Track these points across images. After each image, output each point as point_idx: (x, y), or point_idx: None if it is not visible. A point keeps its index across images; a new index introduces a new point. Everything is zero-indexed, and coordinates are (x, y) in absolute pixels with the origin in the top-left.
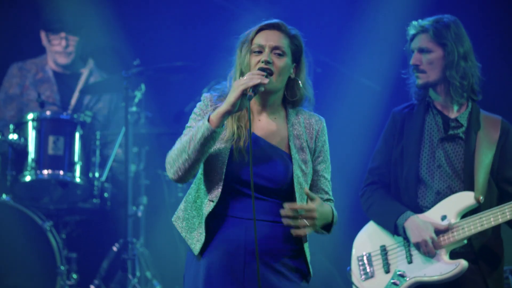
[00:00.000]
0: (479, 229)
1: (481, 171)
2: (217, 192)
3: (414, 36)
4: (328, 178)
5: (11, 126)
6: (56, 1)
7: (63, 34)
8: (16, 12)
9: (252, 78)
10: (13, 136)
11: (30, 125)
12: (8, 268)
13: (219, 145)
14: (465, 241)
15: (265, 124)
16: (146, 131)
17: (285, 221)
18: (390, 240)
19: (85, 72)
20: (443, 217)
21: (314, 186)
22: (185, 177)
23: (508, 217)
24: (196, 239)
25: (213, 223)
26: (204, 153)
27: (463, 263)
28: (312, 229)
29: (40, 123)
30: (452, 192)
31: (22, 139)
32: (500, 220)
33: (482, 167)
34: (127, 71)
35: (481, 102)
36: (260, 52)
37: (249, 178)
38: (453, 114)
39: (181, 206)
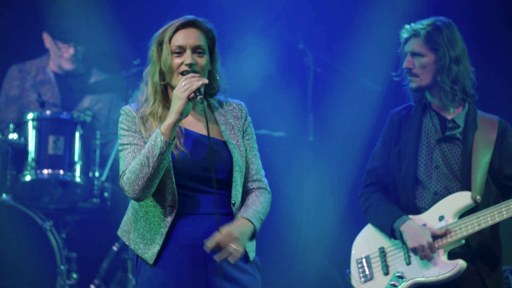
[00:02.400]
0: (477, 228)
1: (478, 171)
2: (173, 196)
3: (407, 39)
4: (257, 154)
5: (11, 126)
6: (61, 6)
7: (72, 44)
8: (16, 13)
9: (192, 82)
10: (13, 136)
11: (30, 124)
12: (8, 268)
13: None
14: (463, 241)
15: (193, 118)
16: None
17: (217, 257)
18: (389, 242)
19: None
20: (441, 218)
21: (246, 165)
22: (149, 193)
23: (505, 216)
24: (149, 249)
25: (170, 226)
26: (164, 166)
27: (461, 263)
28: (241, 248)
29: (40, 122)
30: (450, 192)
31: (22, 139)
32: (497, 219)
33: (480, 167)
34: (127, 71)
35: (478, 103)
36: (180, 52)
37: (198, 173)
38: (449, 115)
39: (125, 219)
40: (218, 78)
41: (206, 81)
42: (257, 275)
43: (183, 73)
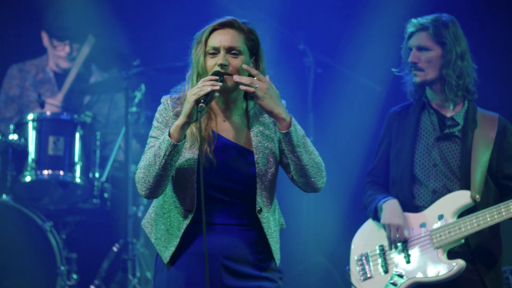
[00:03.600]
0: (476, 228)
1: (477, 170)
2: (192, 201)
3: (412, 33)
4: None
5: (11, 127)
6: (59, 4)
7: (67, 42)
8: (16, 13)
9: (204, 87)
10: (13, 137)
11: (30, 125)
12: (8, 269)
13: (185, 153)
14: (463, 241)
15: (229, 124)
16: (146, 131)
17: (237, 78)
18: (388, 240)
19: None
20: (440, 217)
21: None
22: (157, 192)
23: (505, 216)
24: (165, 247)
25: (187, 230)
26: (172, 166)
27: (461, 263)
28: (262, 96)
29: (40, 123)
30: (449, 191)
31: (22, 140)
32: (497, 219)
33: (479, 165)
34: (127, 71)
35: (479, 100)
36: (215, 54)
37: (222, 183)
38: (449, 112)
39: (150, 210)
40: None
41: (217, 87)
42: (280, 283)
43: (213, 72)
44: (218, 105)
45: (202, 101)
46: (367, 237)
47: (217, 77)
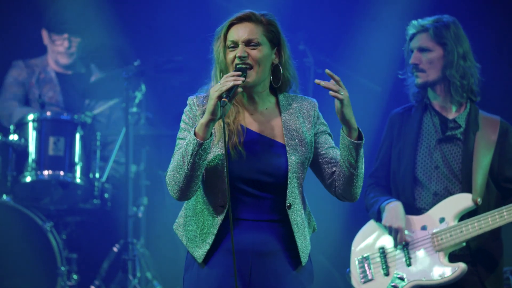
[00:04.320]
0: (478, 231)
1: (479, 172)
2: (224, 197)
3: (414, 35)
4: (335, 146)
5: (12, 127)
6: (59, 1)
7: (66, 35)
8: (17, 12)
9: (226, 82)
10: (14, 137)
11: (30, 125)
12: (8, 269)
13: (214, 148)
14: (464, 244)
15: (257, 117)
16: (146, 131)
17: (323, 83)
18: (389, 243)
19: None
20: (441, 219)
21: (327, 158)
22: (189, 193)
23: (506, 220)
24: (199, 247)
25: (221, 227)
26: (201, 166)
27: (462, 266)
28: (346, 104)
29: (41, 123)
30: (450, 193)
31: (23, 140)
32: (499, 223)
33: (481, 168)
34: (128, 72)
35: (480, 103)
36: (234, 47)
37: (253, 176)
38: (451, 114)
39: (182, 213)
40: (282, 71)
41: (239, 82)
42: (308, 285)
43: (236, 67)
44: (243, 99)
45: (224, 96)
46: (368, 239)
47: (239, 73)
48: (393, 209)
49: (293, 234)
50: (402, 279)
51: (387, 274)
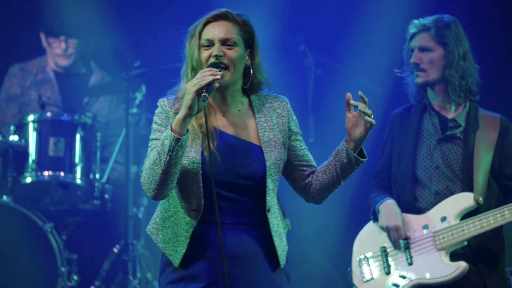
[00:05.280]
0: (480, 230)
1: (480, 171)
2: (198, 201)
3: (414, 34)
4: (307, 148)
5: (12, 128)
6: (56, 3)
7: (62, 38)
8: (16, 13)
9: (204, 77)
10: (14, 138)
11: (30, 126)
12: (8, 270)
13: (189, 151)
14: (465, 243)
15: (230, 119)
16: (146, 132)
17: (356, 104)
18: (390, 242)
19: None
20: (443, 218)
21: (302, 161)
22: (165, 192)
23: (508, 219)
24: (175, 251)
25: (195, 231)
26: (177, 163)
27: (463, 265)
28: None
29: (41, 124)
30: (451, 193)
31: (23, 141)
32: (500, 221)
33: (482, 167)
34: (128, 72)
35: (480, 101)
36: (209, 46)
37: (228, 179)
38: (450, 114)
39: (155, 216)
40: (252, 72)
41: (218, 77)
42: (284, 286)
43: (210, 64)
44: (215, 100)
45: (204, 90)
46: (369, 239)
47: (215, 69)
48: (387, 208)
49: (271, 237)
50: (403, 277)
51: (388, 273)
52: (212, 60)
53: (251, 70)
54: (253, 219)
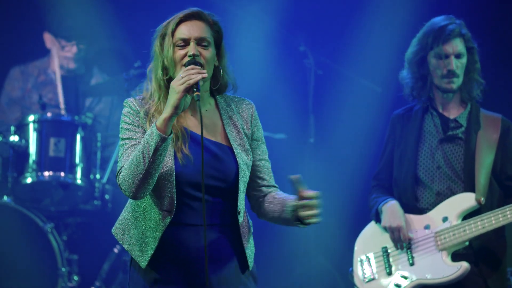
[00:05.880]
0: (481, 230)
1: (482, 172)
2: (171, 201)
3: (447, 39)
4: (268, 160)
5: (12, 128)
6: (63, 5)
7: (74, 42)
8: (17, 15)
9: (191, 75)
10: (14, 138)
11: (31, 127)
12: (9, 270)
13: None
14: (467, 243)
15: (198, 119)
16: None
17: (303, 212)
18: (392, 242)
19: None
20: (444, 219)
21: (258, 172)
22: (145, 191)
23: (510, 219)
24: (142, 252)
25: (165, 233)
26: (160, 163)
27: (465, 266)
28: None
29: (41, 125)
30: (453, 193)
31: (23, 141)
32: (502, 222)
33: (483, 167)
34: (128, 73)
35: (481, 101)
36: (183, 45)
37: (200, 180)
38: (452, 114)
39: (121, 216)
40: (222, 73)
41: (205, 75)
42: (254, 287)
43: (185, 65)
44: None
45: (195, 89)
46: (371, 239)
47: (199, 67)
48: (390, 209)
49: (240, 239)
50: (405, 277)
51: (390, 273)
52: (187, 59)
53: (221, 71)
54: (225, 220)
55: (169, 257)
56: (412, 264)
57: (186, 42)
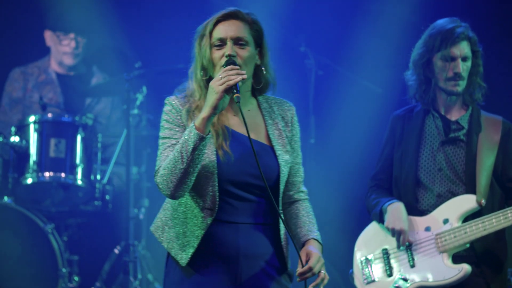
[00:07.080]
0: (482, 233)
1: (483, 174)
2: (213, 199)
3: (454, 42)
4: (302, 166)
5: (13, 129)
6: (60, 2)
7: (72, 35)
8: (17, 15)
9: (230, 76)
10: (15, 139)
11: (31, 127)
12: (9, 270)
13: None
14: (468, 245)
15: (241, 119)
16: (147, 133)
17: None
18: (392, 243)
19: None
20: (445, 221)
21: (291, 176)
22: (183, 191)
23: (511, 221)
24: (182, 250)
25: (207, 231)
26: (199, 163)
27: (466, 268)
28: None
29: (42, 125)
30: (454, 195)
31: (24, 142)
32: (503, 224)
33: (484, 169)
34: (129, 73)
35: (482, 104)
36: (221, 45)
37: (242, 179)
38: (453, 116)
39: (160, 214)
40: (264, 73)
41: (245, 76)
42: (289, 286)
43: (224, 65)
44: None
45: (235, 91)
46: (371, 240)
47: (237, 67)
48: (395, 210)
49: (279, 238)
50: (405, 280)
51: (390, 275)
52: (224, 59)
53: (263, 70)
54: (264, 219)
55: (209, 254)
56: (412, 266)
57: (223, 42)
